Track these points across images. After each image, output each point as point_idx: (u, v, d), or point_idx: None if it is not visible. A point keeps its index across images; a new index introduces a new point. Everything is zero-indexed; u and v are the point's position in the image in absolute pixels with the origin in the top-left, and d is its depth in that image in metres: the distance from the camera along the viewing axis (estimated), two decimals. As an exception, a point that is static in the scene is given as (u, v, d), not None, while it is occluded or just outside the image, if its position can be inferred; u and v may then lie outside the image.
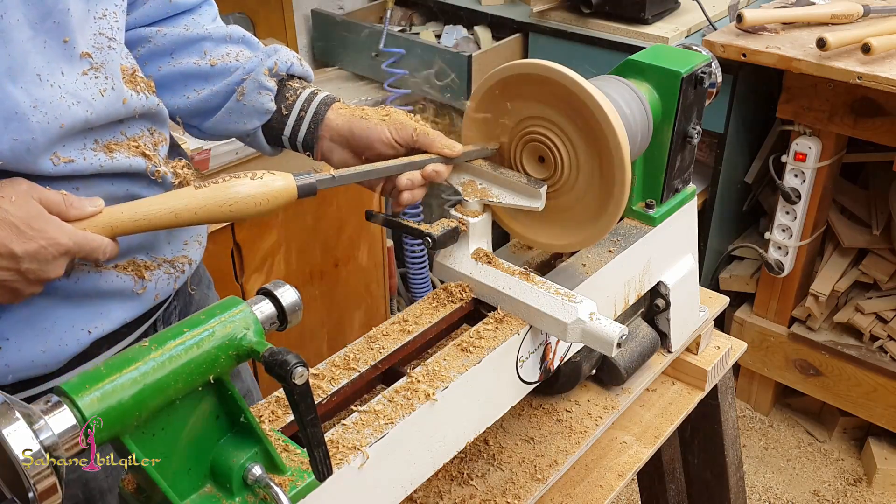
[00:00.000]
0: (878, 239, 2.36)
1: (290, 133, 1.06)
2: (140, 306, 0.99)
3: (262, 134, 1.08)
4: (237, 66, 1.05)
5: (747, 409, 2.69)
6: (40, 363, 0.91)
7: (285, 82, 1.07)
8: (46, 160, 0.85)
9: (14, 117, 0.81)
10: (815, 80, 2.01)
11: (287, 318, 0.71)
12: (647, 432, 1.17)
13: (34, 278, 0.81)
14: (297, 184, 0.87)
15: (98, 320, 0.94)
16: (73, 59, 0.87)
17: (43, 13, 0.84)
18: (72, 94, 0.86)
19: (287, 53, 1.08)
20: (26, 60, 0.82)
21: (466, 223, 0.98)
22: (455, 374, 0.86)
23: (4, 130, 0.81)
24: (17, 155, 0.82)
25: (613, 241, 1.07)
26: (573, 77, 0.89)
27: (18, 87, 0.82)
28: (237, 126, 1.06)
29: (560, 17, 2.36)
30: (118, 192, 0.93)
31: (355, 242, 2.33)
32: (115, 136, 0.93)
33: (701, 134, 1.08)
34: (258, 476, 0.69)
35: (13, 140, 0.81)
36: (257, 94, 1.03)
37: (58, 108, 0.85)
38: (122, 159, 0.92)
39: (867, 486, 2.43)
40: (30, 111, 0.82)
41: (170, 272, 1.02)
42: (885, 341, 2.32)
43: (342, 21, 2.57)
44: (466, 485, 1.03)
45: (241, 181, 0.84)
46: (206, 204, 0.83)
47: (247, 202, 0.84)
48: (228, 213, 0.84)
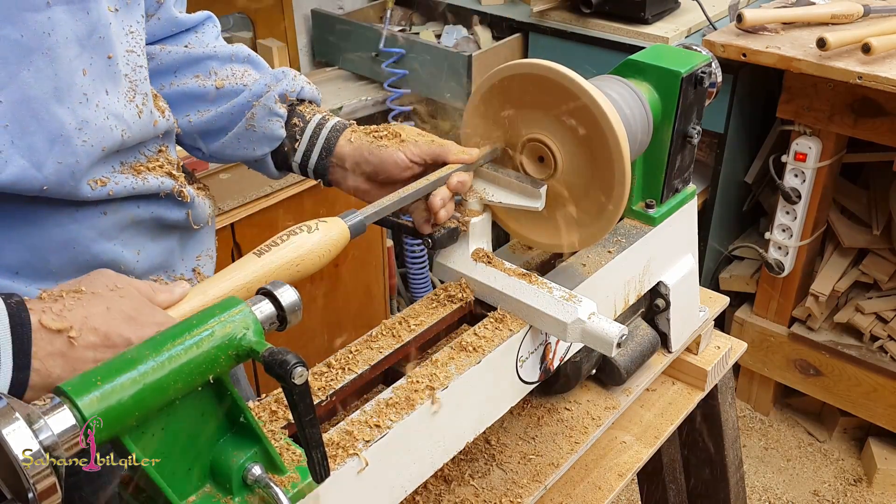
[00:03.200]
0: (878, 239, 2.36)
1: (301, 160, 1.05)
2: None
3: (270, 160, 1.07)
4: (243, 88, 1.04)
5: (747, 409, 2.69)
6: None
7: (295, 107, 1.06)
8: (85, 184, 0.83)
9: (59, 140, 0.79)
10: (816, 80, 2.01)
11: (287, 318, 0.71)
12: (647, 432, 1.17)
13: None
14: (348, 225, 0.85)
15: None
16: (116, 77, 0.85)
17: (89, 28, 0.82)
18: (115, 115, 0.84)
19: (295, 77, 1.07)
20: (73, 80, 0.80)
21: (466, 223, 0.98)
22: (455, 374, 0.86)
23: (49, 153, 0.78)
24: (62, 179, 0.79)
25: (613, 241, 1.07)
26: (573, 77, 0.89)
27: (65, 107, 0.79)
28: (246, 152, 1.05)
29: (560, 17, 2.36)
30: (144, 214, 0.92)
31: (355, 242, 2.32)
32: (136, 158, 0.91)
33: (701, 134, 1.08)
34: (258, 476, 0.69)
35: (58, 164, 0.78)
36: (267, 121, 1.03)
37: (101, 129, 0.83)
38: (152, 180, 0.91)
39: (867, 486, 2.43)
40: (74, 133, 0.80)
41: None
42: (885, 341, 2.32)
43: (342, 21, 2.57)
44: (466, 485, 1.03)
45: (300, 238, 0.81)
46: (275, 270, 0.79)
47: (311, 258, 0.81)
48: (296, 273, 0.80)
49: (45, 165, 0.78)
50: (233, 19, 2.61)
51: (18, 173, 0.76)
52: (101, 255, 0.88)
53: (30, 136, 0.77)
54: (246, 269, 0.78)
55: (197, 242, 1.04)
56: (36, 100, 0.77)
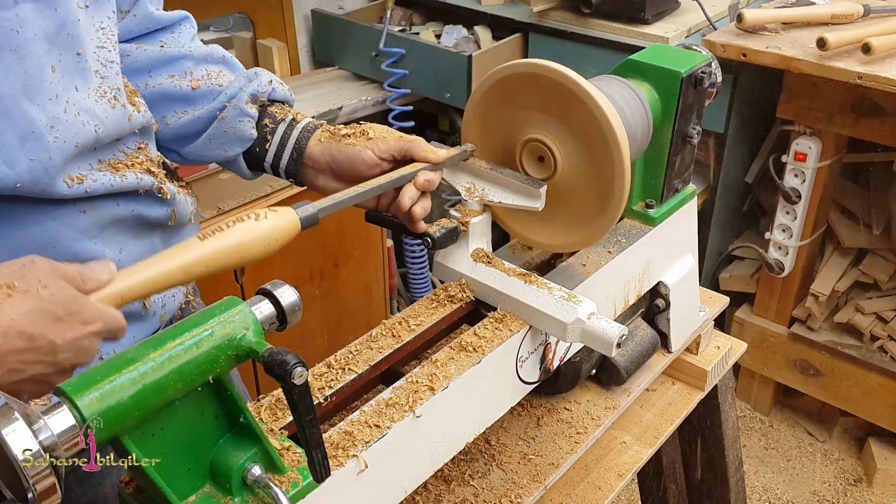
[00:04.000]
0: (878, 239, 2.36)
1: (273, 160, 1.05)
2: (149, 327, 0.98)
3: (243, 160, 1.07)
4: (219, 90, 1.04)
5: (747, 409, 2.69)
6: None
7: (266, 108, 1.06)
8: (61, 182, 0.82)
9: (30, 136, 0.79)
10: (816, 80, 2.01)
11: (286, 318, 0.71)
12: (647, 432, 1.17)
13: (68, 366, 0.71)
14: (299, 217, 0.84)
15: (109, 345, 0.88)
16: (86, 73, 0.85)
17: (58, 25, 0.82)
18: (86, 110, 0.84)
19: (267, 77, 1.07)
20: (43, 76, 0.80)
21: (466, 223, 0.98)
22: (455, 374, 0.86)
23: (21, 150, 0.78)
24: (35, 176, 0.79)
25: (613, 241, 1.07)
26: (573, 77, 0.89)
27: (35, 104, 0.79)
28: (218, 153, 1.05)
29: (560, 17, 2.36)
30: (124, 212, 0.91)
31: (355, 242, 2.32)
32: (115, 155, 0.91)
33: (701, 134, 1.08)
34: (258, 476, 0.69)
35: (30, 160, 0.78)
36: (238, 122, 1.03)
37: (73, 125, 0.82)
38: (131, 177, 0.90)
39: (867, 486, 2.43)
40: (46, 130, 0.80)
41: (174, 291, 1.02)
42: (885, 341, 2.32)
43: (342, 21, 2.57)
44: (466, 485, 1.03)
45: (246, 225, 0.79)
46: (216, 255, 0.77)
47: (256, 246, 0.80)
48: (240, 260, 0.79)
49: (17, 163, 0.78)
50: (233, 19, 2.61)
51: None
52: (81, 253, 0.87)
53: (1, 134, 0.77)
54: (187, 253, 0.76)
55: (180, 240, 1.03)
56: (6, 97, 0.77)
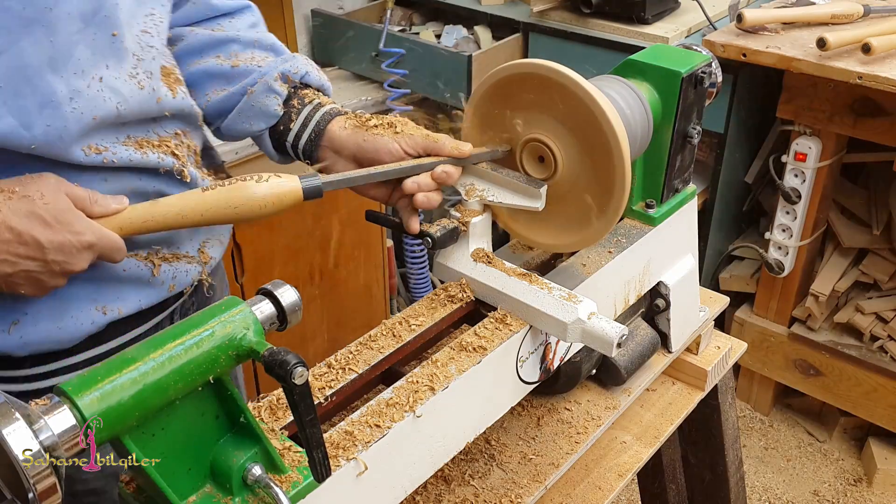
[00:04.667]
0: (878, 239, 2.36)
1: (293, 140, 1.06)
2: (156, 294, 1.01)
3: (268, 138, 1.08)
4: (256, 69, 1.06)
5: (747, 409, 2.69)
6: (55, 339, 0.93)
7: (298, 90, 1.07)
8: (78, 150, 0.87)
9: (49, 104, 0.84)
10: (816, 80, 2.01)
11: (287, 318, 0.71)
12: (647, 432, 1.17)
13: (59, 270, 0.83)
14: (302, 186, 0.88)
15: (113, 302, 0.96)
16: (119, 53, 0.90)
17: (95, 6, 0.87)
18: (111, 88, 0.89)
19: (303, 62, 1.08)
20: (72, 52, 0.85)
21: (466, 223, 0.98)
22: (455, 374, 0.86)
23: (39, 116, 0.83)
24: (50, 141, 0.84)
25: (613, 241, 1.07)
26: (573, 77, 0.89)
27: (58, 76, 0.84)
28: (245, 127, 1.07)
29: (560, 17, 2.36)
30: (146, 187, 0.96)
31: (355, 242, 2.33)
32: (147, 135, 0.96)
33: (701, 134, 1.08)
34: (258, 476, 0.69)
35: (46, 126, 0.84)
36: (265, 97, 1.04)
37: (94, 100, 0.87)
38: (152, 156, 0.95)
39: (867, 486, 2.43)
40: (65, 101, 0.85)
41: (188, 266, 1.04)
42: (885, 341, 2.32)
43: (342, 21, 2.57)
44: (466, 485, 1.03)
45: (247, 184, 0.86)
46: (212, 206, 0.85)
47: (252, 205, 0.86)
48: (234, 215, 0.86)
49: (33, 126, 0.83)
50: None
51: (8, 130, 0.82)
52: None
53: (22, 99, 0.82)
54: (186, 200, 0.85)
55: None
56: (31, 67, 0.82)
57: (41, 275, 0.83)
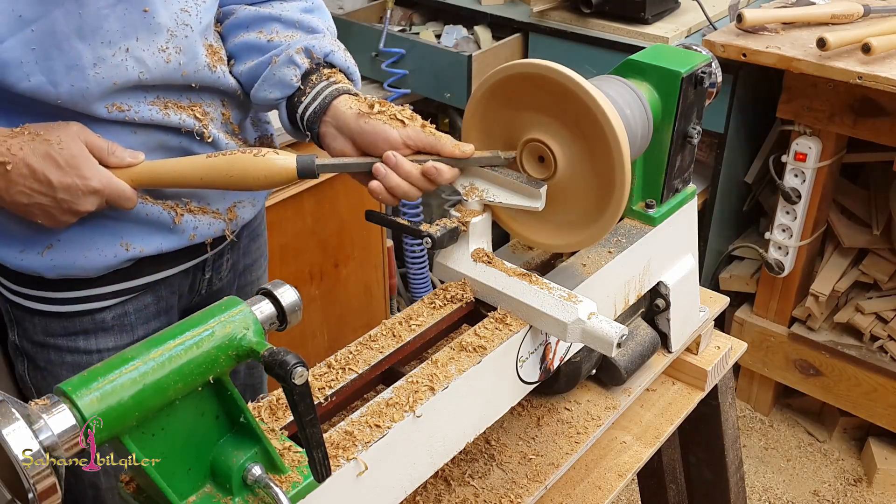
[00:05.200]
0: (878, 239, 2.36)
1: (302, 111, 1.07)
2: (176, 240, 1.09)
3: (284, 109, 1.09)
4: (286, 43, 1.09)
5: (747, 409, 2.69)
6: (81, 266, 1.04)
7: (321, 68, 1.08)
8: (101, 107, 0.97)
9: (75, 67, 0.94)
10: (816, 80, 2.01)
11: (287, 318, 0.71)
12: (647, 432, 1.17)
13: (67, 208, 0.94)
14: (297, 164, 0.94)
15: (136, 241, 1.06)
16: (151, 27, 0.98)
17: None
18: (136, 58, 0.97)
19: (330, 42, 1.10)
20: (101, 24, 0.94)
21: (466, 223, 0.98)
22: (455, 374, 0.86)
23: (65, 76, 0.93)
24: (73, 99, 0.95)
25: (613, 241, 1.07)
26: (573, 77, 0.89)
27: (86, 44, 0.94)
28: (264, 94, 1.09)
29: (560, 17, 2.36)
30: (172, 142, 1.05)
31: (355, 242, 2.33)
32: (178, 99, 1.04)
33: (701, 134, 1.08)
34: (258, 476, 0.69)
35: (71, 86, 0.94)
36: (285, 67, 1.06)
37: (117, 68, 0.96)
38: (174, 116, 1.03)
39: (867, 486, 2.43)
40: (89, 66, 0.94)
41: (212, 220, 1.12)
42: (885, 341, 2.32)
43: (342, 21, 2.57)
44: (466, 485, 1.03)
45: (244, 156, 0.94)
46: (210, 172, 0.95)
47: (246, 175, 0.94)
48: (230, 183, 0.95)
49: (60, 85, 0.94)
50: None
51: (37, 86, 0.93)
52: None
53: (51, 61, 0.93)
54: (190, 162, 0.97)
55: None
56: (60, 33, 0.92)
57: (52, 209, 0.94)
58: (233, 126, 1.13)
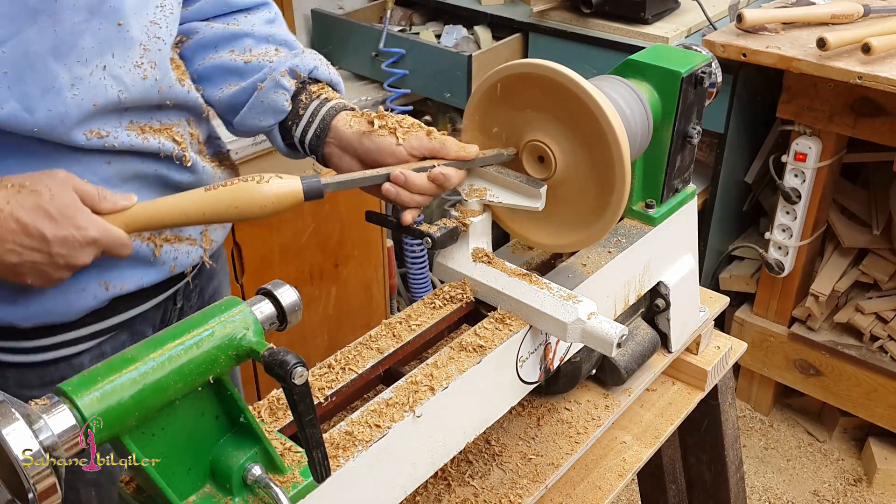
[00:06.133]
0: (878, 239, 2.36)
1: (300, 135, 1.06)
2: (157, 273, 1.05)
3: (278, 133, 1.08)
4: (267, 64, 1.06)
5: (747, 409, 2.69)
6: (59, 311, 0.98)
7: (308, 85, 1.07)
8: (80, 133, 0.91)
9: (51, 90, 0.88)
10: (816, 80, 2.01)
11: (287, 318, 0.71)
12: (647, 432, 1.17)
13: (63, 263, 0.86)
14: (303, 187, 0.88)
15: (116, 279, 1.00)
16: (125, 42, 0.93)
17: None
18: (113, 76, 0.92)
19: (312, 57, 1.08)
20: (76, 42, 0.88)
21: (466, 223, 0.98)
22: (455, 374, 0.86)
23: (41, 101, 0.87)
24: (51, 125, 0.88)
25: (613, 241, 1.07)
26: (573, 77, 0.89)
27: (61, 63, 0.88)
28: (255, 122, 1.07)
29: (560, 17, 2.36)
30: (147, 170, 1.00)
31: (355, 242, 2.33)
32: (150, 121, 0.99)
33: (701, 134, 1.08)
34: (258, 476, 0.69)
35: (48, 111, 0.88)
36: (273, 93, 1.05)
37: (95, 87, 0.91)
38: (153, 140, 0.98)
39: (867, 486, 2.43)
40: (66, 87, 0.89)
41: (189, 248, 1.08)
42: (885, 341, 2.32)
43: (342, 21, 2.57)
44: (466, 485, 1.03)
45: (248, 184, 0.87)
46: (213, 206, 0.87)
47: (253, 205, 0.87)
48: (236, 215, 0.88)
49: (36, 111, 0.87)
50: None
51: (11, 114, 0.86)
52: None
53: (25, 85, 0.86)
54: (189, 198, 0.88)
55: None
56: (35, 54, 0.86)
57: (46, 266, 0.86)
58: (201, 146, 1.09)
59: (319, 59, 1.10)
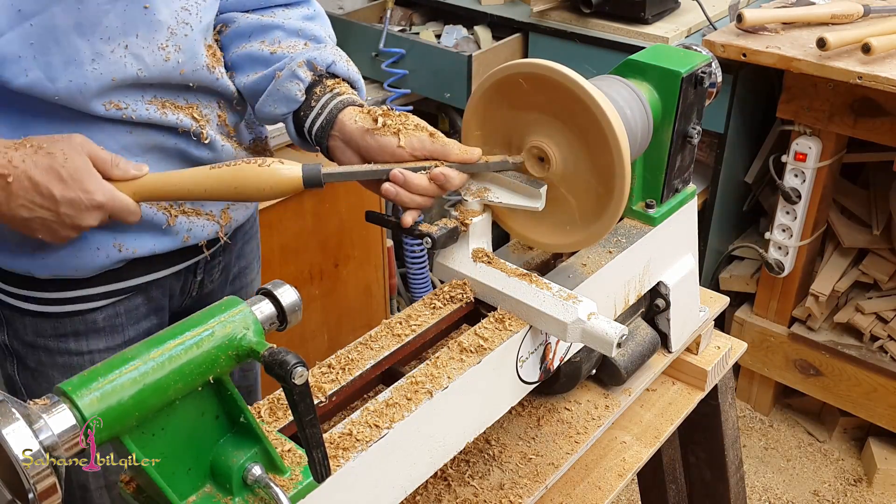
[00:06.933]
0: (878, 239, 2.36)
1: (309, 126, 1.07)
2: (170, 242, 1.09)
3: (291, 123, 1.10)
4: (289, 55, 1.08)
5: (747, 409, 2.69)
6: (73, 266, 1.04)
7: (325, 79, 1.08)
8: (99, 104, 0.97)
9: (73, 63, 0.94)
10: (816, 80, 2.01)
11: (287, 318, 0.71)
12: (647, 432, 1.17)
13: (70, 223, 0.92)
14: (303, 174, 0.92)
15: (129, 242, 1.05)
16: (152, 25, 0.98)
17: None
18: (134, 55, 0.97)
19: (332, 52, 1.10)
20: (100, 20, 0.94)
21: (466, 223, 0.98)
22: (455, 374, 0.86)
23: (63, 71, 0.93)
24: (72, 94, 0.94)
25: (613, 241, 1.07)
26: (573, 77, 0.89)
27: (84, 39, 0.94)
28: (270, 110, 1.09)
29: (560, 17, 2.36)
30: (167, 143, 1.05)
31: (355, 242, 2.32)
32: (175, 99, 1.04)
33: (701, 134, 1.08)
34: (258, 476, 0.69)
35: (69, 81, 0.94)
36: (289, 82, 1.06)
37: (115, 64, 0.96)
38: (171, 116, 1.03)
39: (867, 486, 2.43)
40: (87, 61, 0.94)
41: (206, 222, 1.11)
42: (885, 341, 2.32)
43: (342, 21, 2.57)
44: (466, 485, 1.03)
45: (249, 167, 0.92)
46: (215, 184, 0.93)
47: (250, 187, 0.92)
48: (234, 194, 0.93)
49: (57, 80, 0.93)
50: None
51: (35, 81, 0.93)
52: None
53: (49, 56, 0.93)
54: (195, 174, 0.94)
55: None
56: (59, 28, 0.92)
57: (54, 224, 0.92)
58: (228, 128, 1.13)
59: (341, 55, 1.11)
